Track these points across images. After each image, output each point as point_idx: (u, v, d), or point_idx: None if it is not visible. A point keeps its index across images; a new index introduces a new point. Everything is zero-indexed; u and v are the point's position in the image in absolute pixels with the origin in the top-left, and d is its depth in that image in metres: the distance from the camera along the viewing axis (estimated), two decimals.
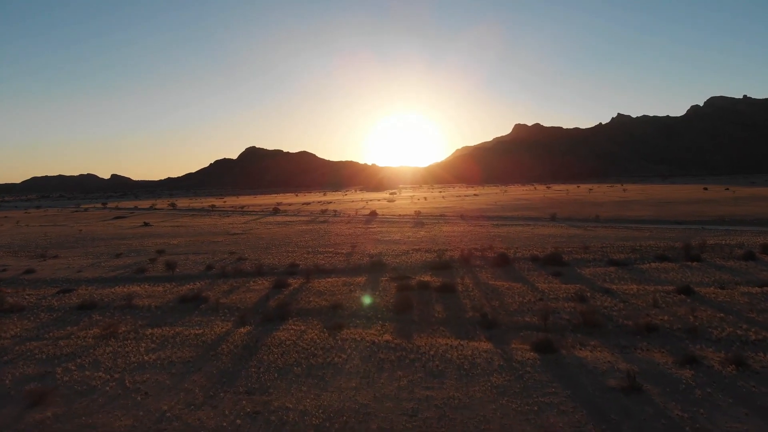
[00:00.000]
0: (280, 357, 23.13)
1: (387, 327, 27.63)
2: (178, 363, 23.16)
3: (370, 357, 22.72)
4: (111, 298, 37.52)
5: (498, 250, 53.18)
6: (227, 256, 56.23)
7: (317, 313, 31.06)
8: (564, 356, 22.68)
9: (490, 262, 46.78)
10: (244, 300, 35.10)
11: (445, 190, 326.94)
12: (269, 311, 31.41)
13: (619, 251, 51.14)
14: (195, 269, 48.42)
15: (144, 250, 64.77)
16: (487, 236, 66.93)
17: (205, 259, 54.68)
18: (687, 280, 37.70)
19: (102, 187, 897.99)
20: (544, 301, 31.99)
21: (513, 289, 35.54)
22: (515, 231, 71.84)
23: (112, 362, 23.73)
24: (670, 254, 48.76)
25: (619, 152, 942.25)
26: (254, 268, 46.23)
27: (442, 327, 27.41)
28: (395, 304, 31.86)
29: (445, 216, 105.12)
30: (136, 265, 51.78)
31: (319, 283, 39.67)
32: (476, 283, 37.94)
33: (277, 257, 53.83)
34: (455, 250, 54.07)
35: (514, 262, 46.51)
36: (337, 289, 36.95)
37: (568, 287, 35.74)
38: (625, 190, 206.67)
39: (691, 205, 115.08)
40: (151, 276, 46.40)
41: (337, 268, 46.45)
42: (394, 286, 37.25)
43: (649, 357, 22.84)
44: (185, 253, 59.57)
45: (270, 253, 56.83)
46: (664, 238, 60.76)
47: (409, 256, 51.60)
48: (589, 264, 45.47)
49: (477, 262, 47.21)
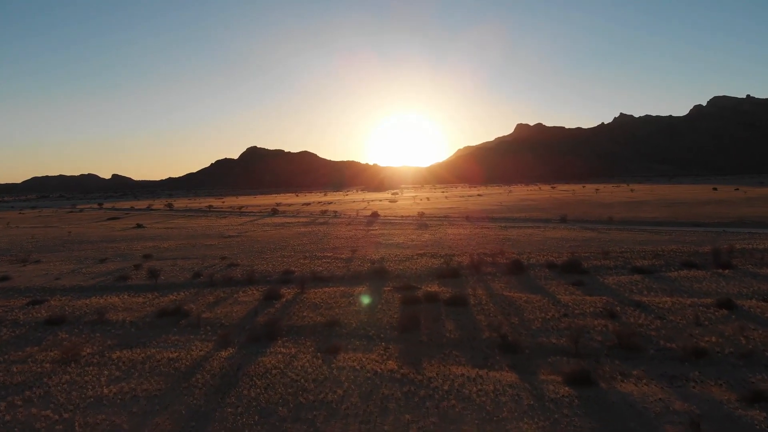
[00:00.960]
0: (264, 392, 19.27)
1: (391, 350, 23.79)
2: (142, 398, 19.33)
3: (371, 393, 18.85)
4: (83, 311, 33.71)
5: (510, 255, 49.29)
6: (218, 261, 52.41)
7: (311, 331, 27.22)
8: (605, 392, 18.81)
9: (502, 269, 42.90)
10: (230, 314, 31.26)
11: (447, 191, 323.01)
12: (256, 329, 27.59)
13: (642, 257, 47.24)
14: (181, 276, 44.59)
15: (131, 254, 60.99)
16: (495, 239, 63.04)
17: (194, 264, 50.87)
18: (725, 292, 33.82)
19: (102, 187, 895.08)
20: (570, 318, 28.11)
21: (532, 302, 31.66)
22: (525, 234, 67.93)
23: (65, 396, 19.92)
24: (697, 260, 44.85)
25: (621, 152, 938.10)
26: (245, 276, 42.40)
27: (455, 351, 23.55)
28: (400, 321, 28.01)
29: (450, 217, 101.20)
30: (118, 272, 47.99)
31: (315, 293, 35.83)
32: (490, 294, 34.05)
33: (271, 263, 50.00)
34: (463, 256, 50.19)
35: (529, 270, 42.63)
36: (335, 302, 33.10)
37: (594, 300, 31.87)
38: (633, 191, 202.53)
39: (704, 206, 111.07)
40: (133, 284, 42.58)
41: (335, 275, 42.60)
42: (398, 298, 33.41)
43: (706, 392, 18.97)
44: (174, 258, 55.77)
45: (264, 259, 53.00)
46: (685, 241, 56.84)
47: (414, 262, 47.75)
48: (612, 272, 41.58)
49: (488, 269, 43.33)
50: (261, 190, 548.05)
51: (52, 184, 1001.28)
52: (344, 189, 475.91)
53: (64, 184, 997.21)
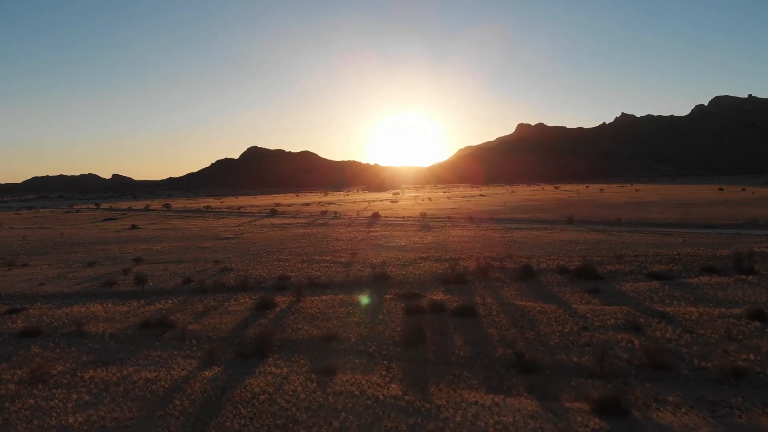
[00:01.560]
0: (249, 423, 16.83)
1: (394, 370, 21.33)
2: (110, 430, 16.90)
3: (372, 426, 16.39)
4: (62, 321, 31.27)
5: (518, 259, 46.81)
6: (211, 265, 49.95)
7: (306, 346, 24.77)
8: (641, 424, 16.35)
9: (511, 274, 40.42)
10: (219, 326, 28.80)
11: (449, 191, 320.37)
12: (246, 343, 25.16)
13: (658, 261, 44.75)
14: (171, 282, 42.12)
15: (122, 257, 58.57)
16: (501, 242, 60.55)
17: (186, 269, 48.42)
18: (753, 300, 31.34)
19: (103, 187, 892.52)
20: (591, 332, 25.63)
21: (547, 312, 29.18)
22: (532, 236, 65.42)
23: (25, 426, 17.51)
24: (717, 265, 42.35)
25: (623, 152, 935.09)
26: (238, 282, 39.95)
27: (466, 371, 21.08)
28: (403, 334, 25.55)
29: (453, 218, 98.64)
30: (106, 277, 45.56)
31: (312, 302, 33.37)
32: (500, 303, 31.58)
33: (266, 267, 47.54)
34: (469, 260, 47.72)
35: (540, 275, 40.14)
36: (333, 312, 30.64)
37: (614, 310, 29.38)
38: (638, 191, 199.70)
39: (713, 206, 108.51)
40: (120, 291, 40.15)
41: (333, 281, 40.13)
42: (401, 308, 30.95)
43: (755, 423, 16.55)
44: (166, 262, 53.34)
45: (260, 262, 50.54)
46: (700, 244, 54.34)
47: (417, 267, 45.28)
48: (628, 277, 39.10)
49: (496, 274, 40.85)
50: (261, 190, 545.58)
51: (53, 184, 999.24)
52: (345, 189, 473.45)
53: (64, 184, 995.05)
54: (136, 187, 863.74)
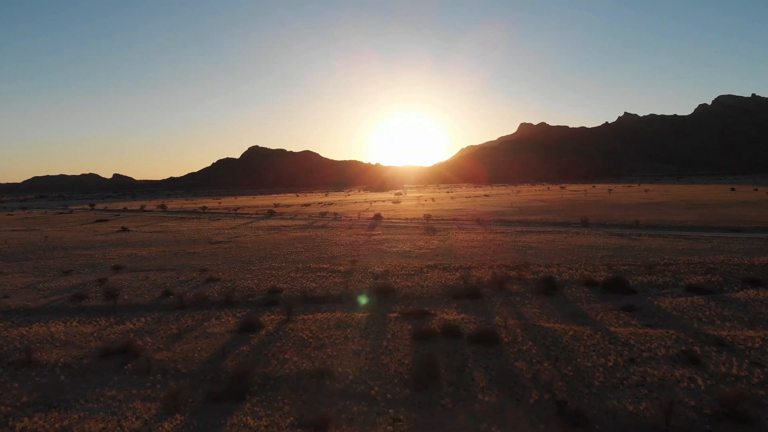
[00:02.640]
0: None
1: (402, 425, 16.79)
2: None
3: None
4: (13, 345, 26.76)
5: (536, 268, 42.20)
6: (197, 274, 45.43)
7: (292, 385, 20.23)
8: None
9: (531, 287, 35.84)
10: (192, 354, 24.27)
11: (452, 191, 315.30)
12: (221, 380, 20.67)
13: (692, 271, 40.10)
14: (147, 296, 37.60)
15: (103, 264, 54.08)
16: (514, 247, 55.94)
17: (167, 279, 43.89)
18: None
19: (104, 186, 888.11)
20: (640, 365, 21.03)
21: (581, 338, 24.59)
22: (546, 240, 60.78)
23: None
24: (760, 276, 37.72)
25: (626, 151, 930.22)
26: (223, 296, 35.42)
27: (494, 426, 16.54)
28: (412, 368, 21.02)
29: (459, 220, 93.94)
30: (78, 289, 41.08)
31: (305, 322, 28.83)
32: (524, 325, 26.98)
33: (257, 277, 43.00)
34: (481, 268, 43.13)
35: (564, 288, 35.57)
36: (328, 336, 26.08)
37: (660, 335, 24.77)
38: (647, 191, 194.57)
39: (729, 207, 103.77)
40: (89, 306, 35.66)
41: (330, 295, 35.57)
42: (408, 330, 26.40)
43: None
44: (148, 270, 48.85)
45: (250, 271, 46.00)
46: (732, 251, 49.72)
47: (424, 277, 40.70)
48: (664, 291, 34.50)
49: (514, 286, 36.27)
50: (262, 190, 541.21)
51: (53, 184, 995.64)
52: (346, 189, 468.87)
53: (65, 184, 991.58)
54: (137, 187, 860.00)
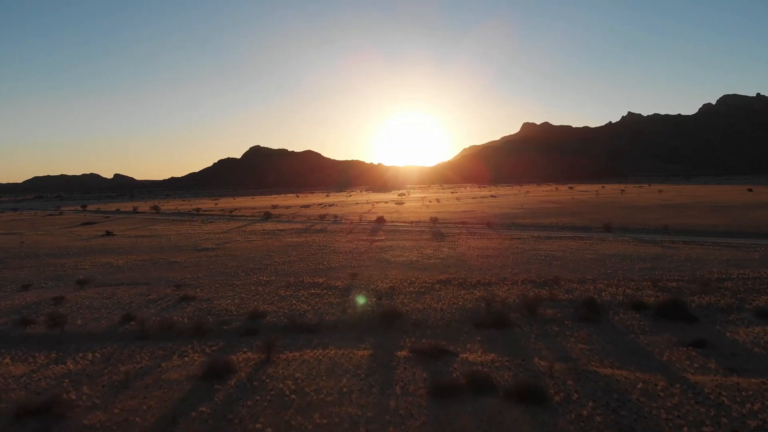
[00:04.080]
0: None
1: None
2: None
3: None
4: None
5: (569, 285, 35.78)
6: (171, 290, 39.05)
7: None
8: None
9: (568, 311, 29.43)
10: (134, 417, 17.86)
11: (457, 191, 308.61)
12: None
13: (753, 289, 33.68)
14: (105, 321, 31.24)
15: (72, 276, 47.80)
16: (535, 256, 49.49)
17: (135, 297, 37.52)
18: None
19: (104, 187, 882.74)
20: None
21: (655, 392, 18.14)
22: (570, 248, 54.32)
23: None
24: None
25: (630, 151, 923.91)
26: (194, 322, 29.06)
27: None
28: None
29: (468, 224, 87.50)
30: (29, 310, 34.78)
31: (289, 363, 22.44)
32: (575, 371, 20.52)
33: (239, 295, 36.62)
34: (504, 285, 36.72)
35: (609, 312, 29.17)
36: (316, 390, 19.63)
37: (756, 387, 18.30)
38: (660, 191, 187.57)
39: (755, 210, 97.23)
40: (34, 335, 29.35)
41: (324, 322, 29.17)
42: (423, 380, 20.02)
43: None
44: (117, 285, 42.54)
45: (233, 287, 39.62)
46: None
47: (437, 296, 34.30)
48: (731, 317, 28.06)
49: (548, 310, 29.85)
50: (263, 191, 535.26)
51: (54, 184, 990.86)
52: (348, 189, 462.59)
53: (65, 184, 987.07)
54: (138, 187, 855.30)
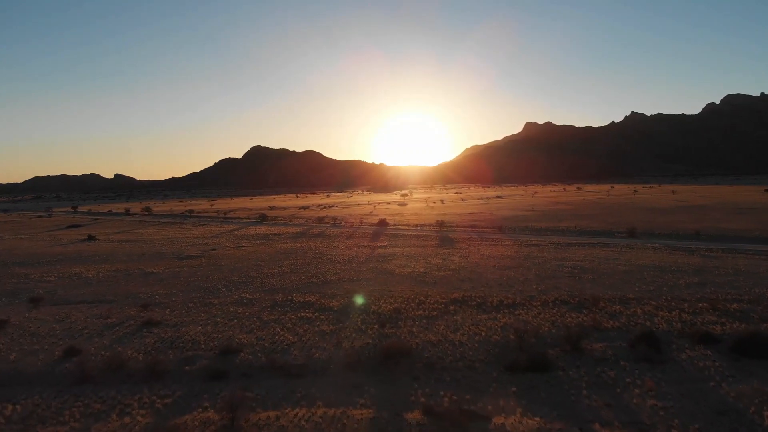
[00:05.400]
0: None
1: None
2: None
3: None
4: None
5: (611, 307, 29.61)
6: (135, 312, 32.97)
7: None
8: None
9: (621, 346, 23.30)
10: None
11: (461, 191, 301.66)
12: None
13: None
14: (45, 355, 25.13)
15: (31, 290, 41.74)
16: (561, 268, 43.28)
17: (91, 320, 31.46)
18: None
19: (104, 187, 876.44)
20: None
21: None
22: (598, 257, 48.14)
23: None
24: None
25: (633, 151, 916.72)
26: (149, 361, 22.98)
27: None
28: None
29: (477, 227, 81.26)
30: None
31: (261, 429, 16.38)
32: None
33: (214, 319, 30.53)
34: (532, 306, 30.56)
35: (671, 348, 23.04)
36: None
37: None
38: (674, 192, 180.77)
39: None
40: None
41: (312, 361, 23.06)
42: None
43: None
44: (78, 302, 36.48)
45: (208, 307, 33.53)
46: None
47: (453, 322, 28.19)
48: None
49: (594, 344, 23.73)
50: (263, 191, 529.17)
51: (54, 184, 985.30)
52: (349, 189, 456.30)
53: (65, 184, 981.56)
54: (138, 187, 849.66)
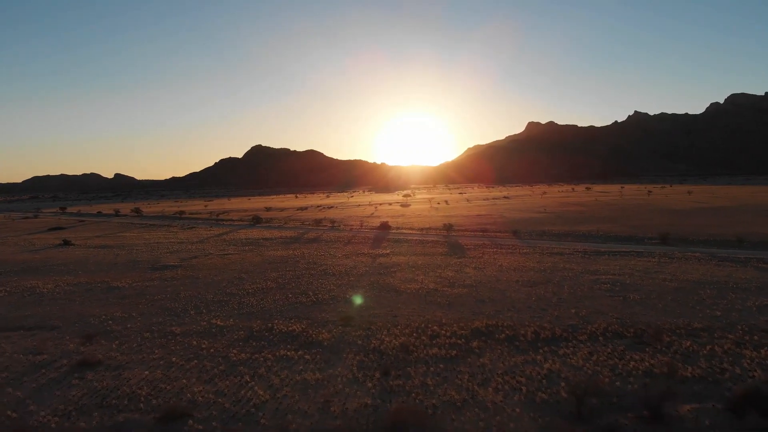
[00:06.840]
0: None
1: None
2: None
3: None
4: None
5: (678, 343, 22.90)
6: (74, 346, 26.31)
7: None
8: None
9: (715, 411, 16.64)
10: None
11: (464, 191, 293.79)
12: None
13: None
14: None
15: None
16: (598, 285, 36.46)
17: (17, 356, 24.85)
18: None
19: (104, 186, 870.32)
20: None
21: None
22: (636, 270, 41.31)
23: None
24: None
25: (636, 150, 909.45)
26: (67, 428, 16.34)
27: None
28: None
29: (488, 231, 74.40)
30: None
31: None
32: None
33: (169, 358, 23.85)
34: (577, 342, 23.84)
35: None
36: None
37: None
38: (690, 193, 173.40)
39: None
40: None
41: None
42: None
43: None
44: (13, 329, 29.82)
45: (167, 340, 26.84)
46: None
47: (479, 368, 21.51)
48: None
49: (679, 406, 17.05)
50: (264, 191, 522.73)
51: (54, 183, 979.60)
52: (350, 189, 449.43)
53: (65, 183, 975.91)
54: (137, 187, 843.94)
